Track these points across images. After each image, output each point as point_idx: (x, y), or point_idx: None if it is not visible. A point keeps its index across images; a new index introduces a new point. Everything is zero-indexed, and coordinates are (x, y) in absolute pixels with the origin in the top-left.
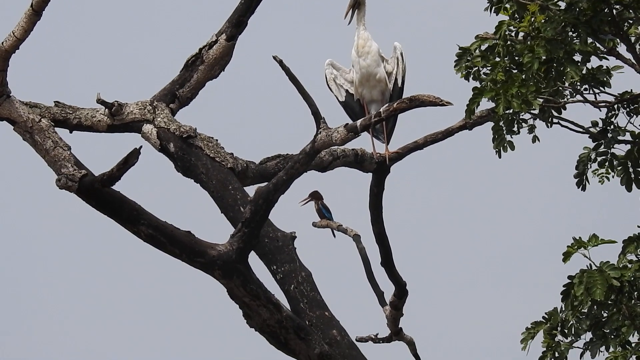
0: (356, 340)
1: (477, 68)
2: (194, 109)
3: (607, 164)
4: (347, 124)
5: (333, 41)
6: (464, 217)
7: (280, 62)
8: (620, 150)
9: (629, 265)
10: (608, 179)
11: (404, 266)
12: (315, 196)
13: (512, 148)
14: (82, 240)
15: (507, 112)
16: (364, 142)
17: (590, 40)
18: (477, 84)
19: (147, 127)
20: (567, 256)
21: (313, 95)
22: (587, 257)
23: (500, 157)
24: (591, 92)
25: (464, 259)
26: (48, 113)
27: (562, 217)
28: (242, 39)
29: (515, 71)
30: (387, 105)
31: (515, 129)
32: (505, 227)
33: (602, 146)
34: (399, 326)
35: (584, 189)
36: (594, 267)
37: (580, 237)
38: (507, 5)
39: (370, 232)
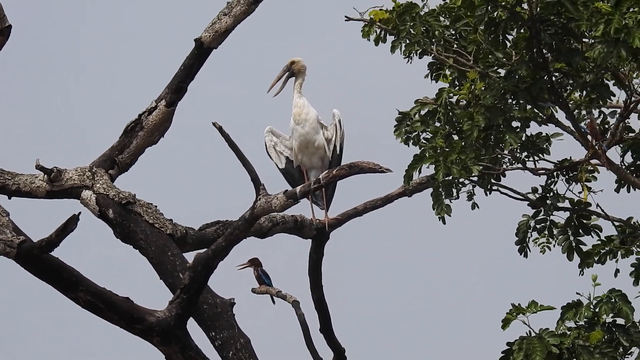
0: None
1: (416, 133)
2: (133, 175)
3: (546, 231)
4: (286, 190)
5: (274, 107)
6: (404, 283)
7: (220, 129)
8: (560, 217)
9: (568, 332)
10: (549, 248)
11: (343, 333)
12: (255, 263)
13: (449, 212)
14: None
15: (446, 178)
16: (304, 209)
17: (529, 107)
18: (417, 149)
19: (86, 193)
20: (506, 323)
21: (253, 162)
22: (526, 324)
23: (444, 223)
24: (530, 159)
25: (403, 325)
26: None
27: (501, 283)
28: (181, 105)
29: (455, 137)
30: (326, 172)
31: (454, 194)
32: (445, 293)
33: (542, 213)
34: None
35: (525, 255)
36: (533, 334)
37: (519, 304)
38: (447, 72)
39: (309, 299)
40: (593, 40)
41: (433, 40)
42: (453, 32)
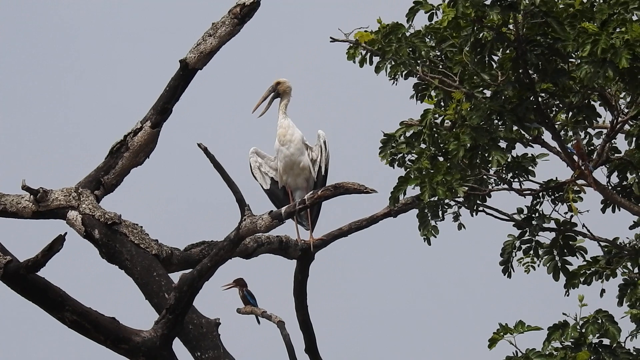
0: None
1: (401, 155)
2: (118, 196)
3: (532, 252)
4: (271, 211)
5: (259, 128)
6: (389, 303)
7: (205, 150)
8: (546, 238)
9: (555, 353)
10: (534, 268)
11: (328, 353)
12: (240, 283)
13: (436, 233)
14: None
15: (432, 199)
16: (289, 229)
17: (515, 128)
18: (402, 170)
19: (72, 214)
20: (492, 342)
21: (238, 182)
22: (512, 344)
23: (429, 244)
24: (516, 180)
25: (388, 345)
26: None
27: (486, 304)
28: (167, 126)
29: (440, 159)
30: (311, 192)
31: (440, 215)
32: (430, 313)
33: (527, 234)
34: None
35: (509, 276)
36: (519, 354)
37: (506, 324)
38: (433, 94)
39: (294, 319)
40: (580, 61)
41: (419, 61)
42: (439, 53)
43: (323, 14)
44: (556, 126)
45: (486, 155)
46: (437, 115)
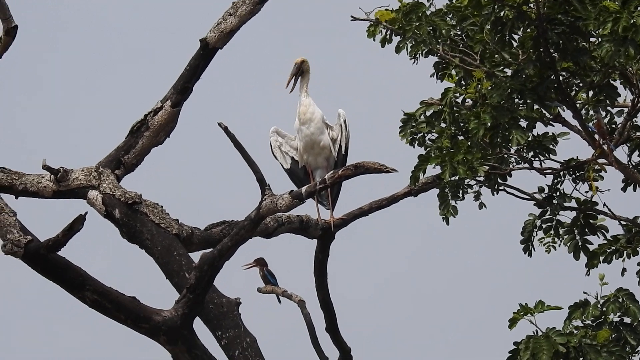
0: None
1: (422, 134)
2: (139, 175)
3: (552, 231)
4: (292, 190)
5: (280, 107)
6: (410, 282)
7: (226, 129)
8: (566, 217)
9: (575, 332)
10: (555, 247)
11: (348, 332)
12: (260, 263)
13: (455, 214)
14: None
15: (452, 178)
16: (309, 209)
17: (536, 106)
18: (422, 150)
19: (93, 193)
20: (513, 322)
21: (259, 162)
22: (533, 323)
23: (448, 223)
24: (537, 159)
25: (408, 324)
26: None
27: (508, 283)
28: (187, 105)
29: (461, 138)
30: (332, 172)
31: (460, 195)
32: (451, 292)
33: (548, 213)
34: None
35: (530, 255)
36: (540, 333)
37: (526, 303)
38: (453, 72)
39: (315, 298)
40: (601, 39)
41: (439, 40)
42: (459, 32)
43: None
44: (577, 105)
45: (507, 134)
46: (457, 94)
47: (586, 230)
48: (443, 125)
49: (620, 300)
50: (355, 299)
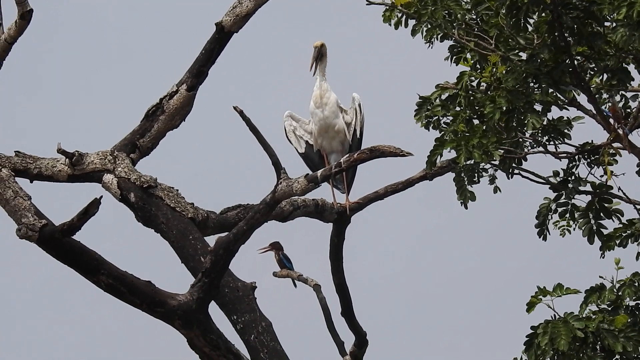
0: None
1: (437, 117)
2: (154, 159)
3: (567, 215)
4: (307, 174)
5: (294, 91)
6: (425, 266)
7: (241, 113)
8: (581, 201)
9: (593, 316)
10: (569, 231)
11: (364, 316)
12: (276, 247)
13: (473, 199)
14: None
15: (468, 162)
16: (325, 193)
17: (551, 90)
18: (437, 133)
19: (108, 177)
20: (531, 306)
21: (274, 146)
22: (550, 307)
23: (466, 208)
24: (552, 143)
25: (425, 308)
26: (8, 163)
27: (524, 267)
28: (203, 89)
29: (476, 122)
30: (347, 155)
31: (475, 179)
32: (467, 276)
33: (563, 197)
34: None
35: (545, 239)
36: (558, 318)
37: (544, 287)
38: (468, 56)
39: (330, 282)
40: (615, 24)
41: (454, 24)
42: (474, 16)
43: None
44: (591, 89)
45: (522, 118)
46: (472, 78)
47: (601, 214)
48: (458, 108)
49: (636, 284)
50: (372, 283)
